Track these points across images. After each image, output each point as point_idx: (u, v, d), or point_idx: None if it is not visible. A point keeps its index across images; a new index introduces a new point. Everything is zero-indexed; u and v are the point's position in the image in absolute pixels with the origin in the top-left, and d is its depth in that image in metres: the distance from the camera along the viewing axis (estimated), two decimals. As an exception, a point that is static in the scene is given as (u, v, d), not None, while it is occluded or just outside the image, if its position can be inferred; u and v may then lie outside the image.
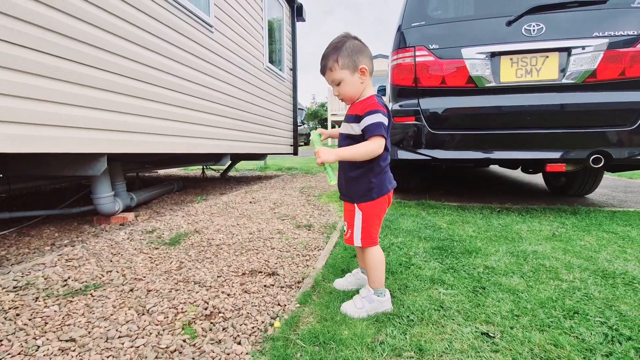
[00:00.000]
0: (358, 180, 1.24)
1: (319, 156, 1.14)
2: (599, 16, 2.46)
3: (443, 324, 1.15)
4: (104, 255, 1.86)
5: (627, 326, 1.11)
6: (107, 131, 2.19)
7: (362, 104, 1.22)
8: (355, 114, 1.21)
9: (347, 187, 1.30)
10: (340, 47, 1.18)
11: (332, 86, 1.25)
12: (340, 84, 1.21)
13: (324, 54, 1.22)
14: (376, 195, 1.24)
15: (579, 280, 1.47)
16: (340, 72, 1.19)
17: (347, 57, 1.18)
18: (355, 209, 1.26)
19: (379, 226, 1.29)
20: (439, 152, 2.72)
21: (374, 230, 1.27)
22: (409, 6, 2.88)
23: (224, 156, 4.03)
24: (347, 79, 1.20)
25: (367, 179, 1.23)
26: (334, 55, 1.18)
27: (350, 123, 1.23)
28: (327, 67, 1.20)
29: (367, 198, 1.24)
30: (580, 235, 2.11)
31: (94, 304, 1.33)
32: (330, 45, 1.21)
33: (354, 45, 1.19)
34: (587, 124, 2.49)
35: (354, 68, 1.19)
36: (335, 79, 1.21)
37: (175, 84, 2.91)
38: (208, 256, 1.86)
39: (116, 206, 2.63)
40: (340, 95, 1.24)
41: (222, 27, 3.70)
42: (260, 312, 1.27)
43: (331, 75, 1.21)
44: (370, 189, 1.24)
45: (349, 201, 1.30)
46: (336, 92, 1.25)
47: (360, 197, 1.25)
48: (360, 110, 1.20)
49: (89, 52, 2.05)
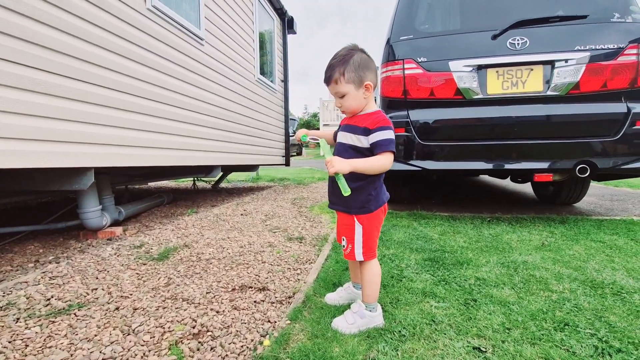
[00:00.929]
0: (358, 192, 1.23)
1: (332, 165, 1.12)
2: (581, 30, 2.54)
3: (435, 339, 1.14)
4: (89, 272, 1.81)
5: (617, 337, 1.11)
6: (93, 145, 2.16)
7: (370, 117, 1.21)
8: (363, 127, 1.20)
9: (344, 198, 1.24)
10: (348, 60, 1.17)
11: (335, 97, 1.25)
12: (343, 97, 1.21)
13: (330, 64, 1.19)
14: (374, 207, 1.24)
15: (568, 291, 1.48)
16: (346, 86, 1.18)
17: (353, 71, 1.17)
18: (354, 223, 1.24)
19: (377, 238, 1.29)
20: (429, 162, 2.75)
21: (374, 243, 1.26)
22: (397, 20, 2.93)
23: (215, 168, 4.00)
24: (352, 94, 1.19)
25: (367, 191, 1.23)
26: (341, 68, 1.17)
27: (357, 135, 1.22)
28: (332, 78, 1.19)
29: (366, 210, 1.23)
30: (569, 245, 2.14)
31: (78, 324, 1.28)
32: (338, 56, 1.19)
33: (361, 60, 1.18)
34: (573, 134, 2.54)
35: (360, 83, 1.18)
36: (339, 92, 1.20)
37: (165, 97, 2.89)
38: (197, 271, 1.83)
39: (103, 220, 2.58)
40: (343, 107, 1.24)
41: (213, 40, 3.72)
42: (250, 330, 1.24)
43: (335, 88, 1.20)
44: (368, 200, 1.23)
45: (344, 212, 1.28)
46: (338, 104, 1.25)
47: (359, 209, 1.24)
48: (370, 124, 1.19)
49: (73, 65, 2.02)
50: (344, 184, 1.12)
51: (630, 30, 2.49)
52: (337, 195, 1.28)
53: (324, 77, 1.22)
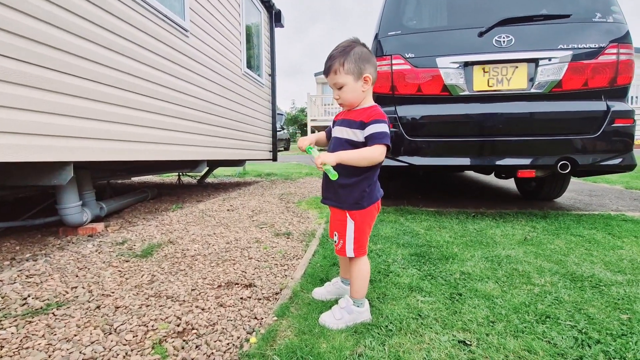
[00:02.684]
0: (353, 188, 1.22)
1: (319, 157, 1.13)
2: (564, 29, 2.59)
3: (421, 333, 1.15)
4: (69, 269, 1.76)
5: (596, 329, 1.15)
6: (72, 138, 2.08)
7: (366, 111, 1.21)
8: (359, 120, 1.20)
9: (337, 193, 1.25)
10: (349, 51, 1.17)
11: (334, 89, 1.24)
12: (342, 88, 1.20)
13: (330, 55, 1.19)
14: (367, 204, 1.24)
15: (549, 284, 1.51)
16: (345, 76, 1.17)
17: (353, 62, 1.16)
18: (347, 218, 1.24)
19: (369, 235, 1.29)
20: (416, 158, 2.76)
21: (365, 239, 1.26)
22: (385, 15, 2.93)
23: (201, 163, 3.93)
24: (350, 85, 1.19)
25: (362, 187, 1.23)
26: (341, 59, 1.16)
27: (353, 129, 1.21)
28: (332, 68, 1.18)
29: (359, 206, 1.23)
30: (550, 239, 2.19)
31: (56, 324, 1.24)
32: (339, 47, 1.19)
33: (362, 52, 1.18)
34: (555, 131, 2.60)
35: (359, 75, 1.18)
36: (338, 83, 1.19)
37: (147, 89, 2.81)
38: (182, 268, 1.80)
39: (84, 216, 2.50)
40: (341, 99, 1.23)
41: (198, 32, 3.63)
42: (236, 327, 1.22)
43: (335, 78, 1.19)
44: (362, 197, 1.23)
45: (337, 207, 1.27)
46: (336, 96, 1.24)
47: (352, 205, 1.23)
48: (366, 117, 1.19)
49: (50, 55, 1.93)
50: (331, 169, 1.13)
51: (611, 30, 2.55)
52: (330, 190, 1.28)
53: (324, 67, 1.21)
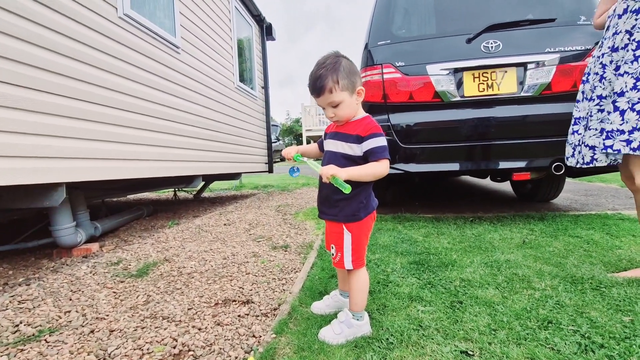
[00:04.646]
0: (351, 200, 1.20)
1: (328, 170, 1.09)
2: (550, 33, 2.63)
3: (422, 345, 1.13)
4: (62, 293, 1.72)
5: (599, 333, 1.13)
6: (64, 159, 2.06)
7: (360, 124, 1.19)
8: (355, 134, 1.17)
9: (334, 207, 1.23)
10: (338, 67, 1.12)
11: (327, 107, 1.18)
12: (338, 106, 1.16)
13: (319, 74, 1.13)
14: (364, 215, 1.22)
15: (550, 288, 1.50)
16: (341, 94, 1.13)
17: (346, 78, 1.13)
18: (343, 230, 1.22)
19: (366, 245, 1.27)
20: (411, 165, 2.77)
21: (363, 250, 1.24)
22: (374, 25, 2.96)
23: (196, 178, 3.92)
24: (347, 101, 1.15)
25: (360, 198, 1.21)
26: (334, 76, 1.12)
27: (349, 143, 1.19)
28: (325, 88, 1.12)
29: (356, 218, 1.21)
30: (548, 242, 2.18)
31: (48, 351, 1.21)
32: (326, 65, 1.13)
33: (350, 66, 1.15)
34: (547, 133, 2.62)
35: (353, 89, 1.16)
36: (335, 101, 1.14)
37: (139, 106, 2.81)
38: (178, 287, 1.77)
39: (78, 237, 2.46)
40: (337, 117, 1.19)
41: (189, 48, 3.66)
42: (234, 347, 1.20)
43: (330, 97, 1.14)
44: (359, 209, 1.21)
45: (333, 221, 1.25)
46: (331, 114, 1.18)
47: (349, 217, 1.21)
48: (362, 131, 1.17)
49: (39, 76, 1.93)
50: (342, 183, 1.09)
51: (595, 31, 2.59)
52: (327, 204, 1.26)
53: (315, 88, 1.14)
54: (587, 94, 1.61)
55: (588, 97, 1.60)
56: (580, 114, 1.66)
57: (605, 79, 1.50)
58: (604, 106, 1.51)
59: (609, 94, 1.50)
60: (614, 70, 1.46)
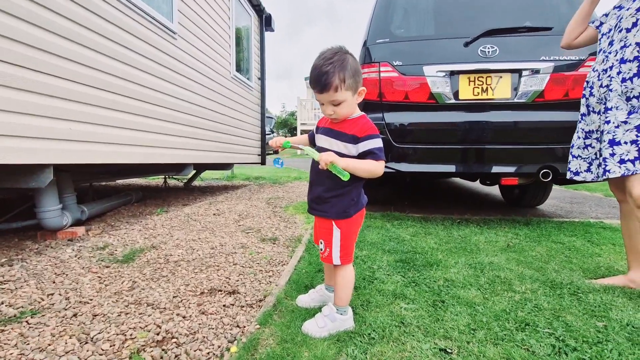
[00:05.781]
0: (343, 197, 1.21)
1: (327, 157, 1.09)
2: (546, 41, 2.66)
3: (403, 341, 1.15)
4: (46, 275, 1.70)
5: (573, 337, 1.17)
6: (53, 140, 2.03)
7: (357, 124, 1.18)
8: (351, 134, 1.17)
9: (325, 203, 1.24)
10: (345, 65, 1.09)
11: (327, 104, 1.14)
12: (340, 105, 1.13)
13: (326, 70, 1.08)
14: (353, 212, 1.23)
15: (530, 291, 1.54)
16: (345, 93, 1.11)
17: (351, 77, 1.10)
18: (332, 226, 1.23)
19: (355, 242, 1.28)
20: (403, 165, 2.79)
21: (351, 247, 1.26)
22: (374, 23, 2.96)
23: (187, 166, 3.88)
24: (349, 101, 1.14)
25: (350, 196, 1.22)
26: (341, 74, 1.08)
27: (344, 142, 1.18)
28: (331, 85, 1.08)
29: (346, 215, 1.22)
30: (531, 246, 2.24)
31: (30, 332, 1.20)
32: (333, 61, 1.09)
33: (356, 65, 1.13)
34: (537, 140, 2.66)
35: (356, 89, 1.15)
36: (337, 100, 1.12)
37: (133, 91, 2.77)
38: (164, 274, 1.76)
39: (64, 220, 2.43)
40: (336, 114, 1.16)
41: (186, 34, 3.61)
42: (218, 336, 1.20)
43: (333, 96, 1.11)
44: (350, 206, 1.22)
45: (323, 217, 1.25)
46: (330, 111, 1.15)
47: (339, 214, 1.22)
48: (358, 131, 1.16)
49: (30, 54, 1.88)
50: (341, 170, 1.09)
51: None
52: (318, 200, 1.27)
53: (320, 84, 1.10)
54: (595, 107, 1.60)
55: (596, 110, 1.60)
56: (590, 127, 1.64)
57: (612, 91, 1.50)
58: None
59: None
60: (621, 82, 1.46)
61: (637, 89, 1.41)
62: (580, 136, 1.70)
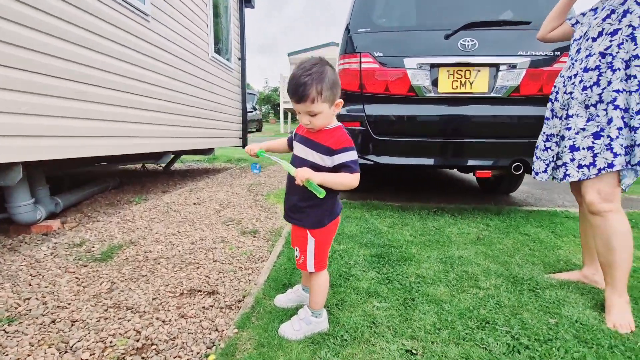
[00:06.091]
0: (316, 208, 1.24)
1: (303, 174, 1.11)
2: (524, 36, 2.69)
3: (373, 342, 1.23)
4: (21, 277, 1.69)
5: (527, 335, 1.28)
6: (19, 137, 1.95)
7: (333, 135, 1.19)
8: (327, 146, 1.18)
9: (300, 212, 1.27)
10: (323, 77, 1.11)
11: (304, 114, 1.16)
12: (316, 116, 1.15)
13: (303, 81, 1.10)
14: (328, 222, 1.27)
15: (493, 287, 1.65)
16: (321, 105, 1.13)
17: (329, 89, 1.12)
18: (307, 235, 1.26)
19: (329, 249, 1.33)
20: (382, 157, 2.84)
21: (325, 254, 1.30)
22: (355, 11, 2.90)
23: (165, 154, 3.81)
24: (325, 112, 1.15)
25: (325, 207, 1.25)
26: (318, 87, 1.10)
27: (319, 154, 1.20)
28: (308, 97, 1.11)
29: (320, 225, 1.26)
30: (500, 238, 2.36)
31: (7, 342, 1.21)
32: (312, 73, 1.11)
33: (335, 77, 1.14)
34: (511, 134, 2.75)
35: (333, 101, 1.16)
36: (314, 111, 1.13)
37: (103, 80, 2.65)
38: (144, 274, 1.78)
39: (37, 214, 2.38)
40: (312, 124, 1.18)
41: (161, 16, 3.43)
42: (196, 341, 1.25)
43: (310, 107, 1.12)
44: (324, 216, 1.26)
45: (299, 226, 1.29)
46: (307, 121, 1.17)
47: (314, 224, 1.26)
48: (334, 143, 1.18)
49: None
50: (317, 187, 1.11)
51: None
52: (293, 209, 1.30)
53: (297, 95, 1.12)
54: (558, 112, 1.66)
55: (558, 115, 1.66)
56: (551, 130, 1.71)
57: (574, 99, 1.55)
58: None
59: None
60: (582, 90, 1.51)
61: (594, 97, 1.47)
62: (542, 139, 1.78)
